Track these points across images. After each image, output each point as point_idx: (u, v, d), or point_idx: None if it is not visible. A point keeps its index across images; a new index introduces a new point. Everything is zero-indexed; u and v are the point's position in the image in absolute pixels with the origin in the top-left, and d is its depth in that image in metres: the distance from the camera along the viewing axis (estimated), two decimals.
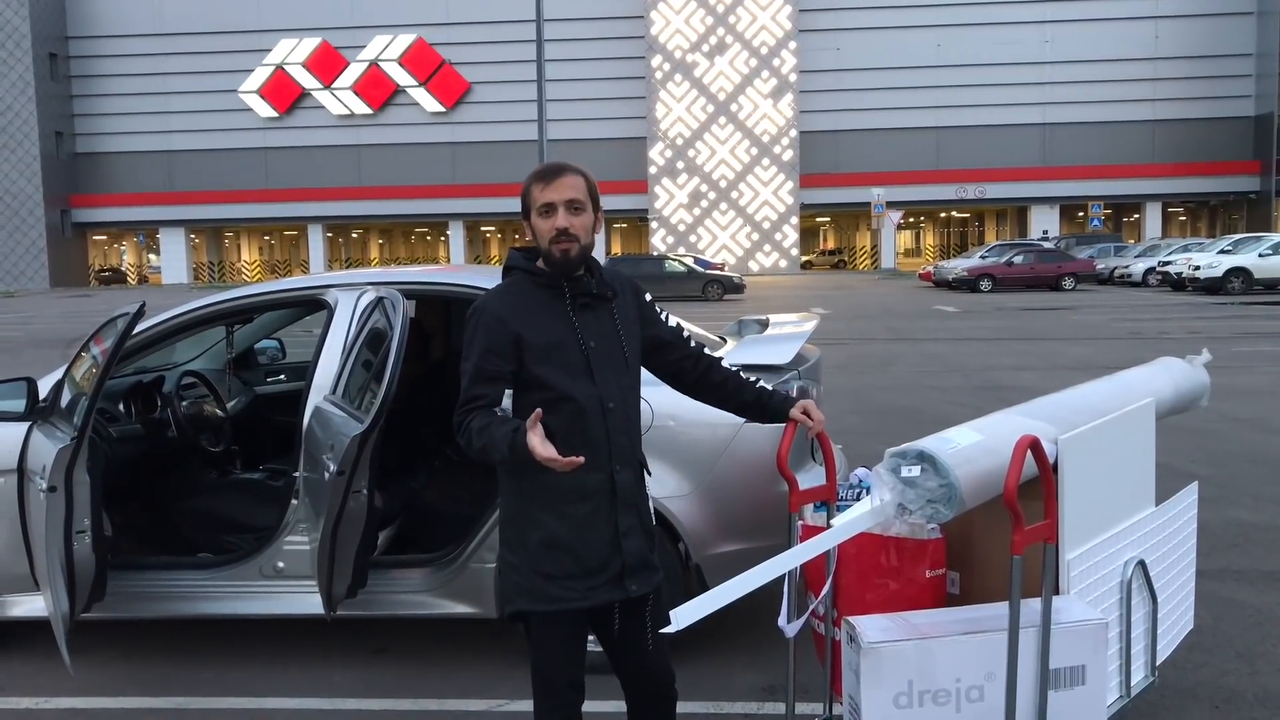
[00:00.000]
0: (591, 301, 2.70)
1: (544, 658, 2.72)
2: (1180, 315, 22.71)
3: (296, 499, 4.23)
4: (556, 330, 2.66)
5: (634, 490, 2.73)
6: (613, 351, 2.71)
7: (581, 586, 2.65)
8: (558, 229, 2.62)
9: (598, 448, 2.63)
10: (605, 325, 2.71)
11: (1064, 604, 2.81)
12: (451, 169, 55.79)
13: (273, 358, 6.67)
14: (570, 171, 2.68)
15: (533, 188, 2.68)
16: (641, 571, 2.71)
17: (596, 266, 2.76)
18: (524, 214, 2.72)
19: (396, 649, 4.57)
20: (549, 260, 2.67)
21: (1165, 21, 52.85)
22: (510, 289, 2.74)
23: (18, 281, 55.87)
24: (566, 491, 2.63)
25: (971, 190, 54.38)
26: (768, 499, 3.92)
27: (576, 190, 2.65)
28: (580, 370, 2.65)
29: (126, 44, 56.72)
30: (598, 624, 2.77)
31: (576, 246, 2.64)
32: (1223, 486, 6.95)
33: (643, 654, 2.79)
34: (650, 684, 2.84)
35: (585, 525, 2.66)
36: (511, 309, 2.67)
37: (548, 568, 2.66)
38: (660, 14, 54.34)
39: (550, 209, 2.63)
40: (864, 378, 13.15)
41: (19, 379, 4.45)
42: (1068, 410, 3.17)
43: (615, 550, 2.67)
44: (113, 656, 4.52)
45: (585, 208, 2.66)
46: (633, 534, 2.70)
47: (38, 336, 22.73)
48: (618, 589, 2.68)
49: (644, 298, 2.87)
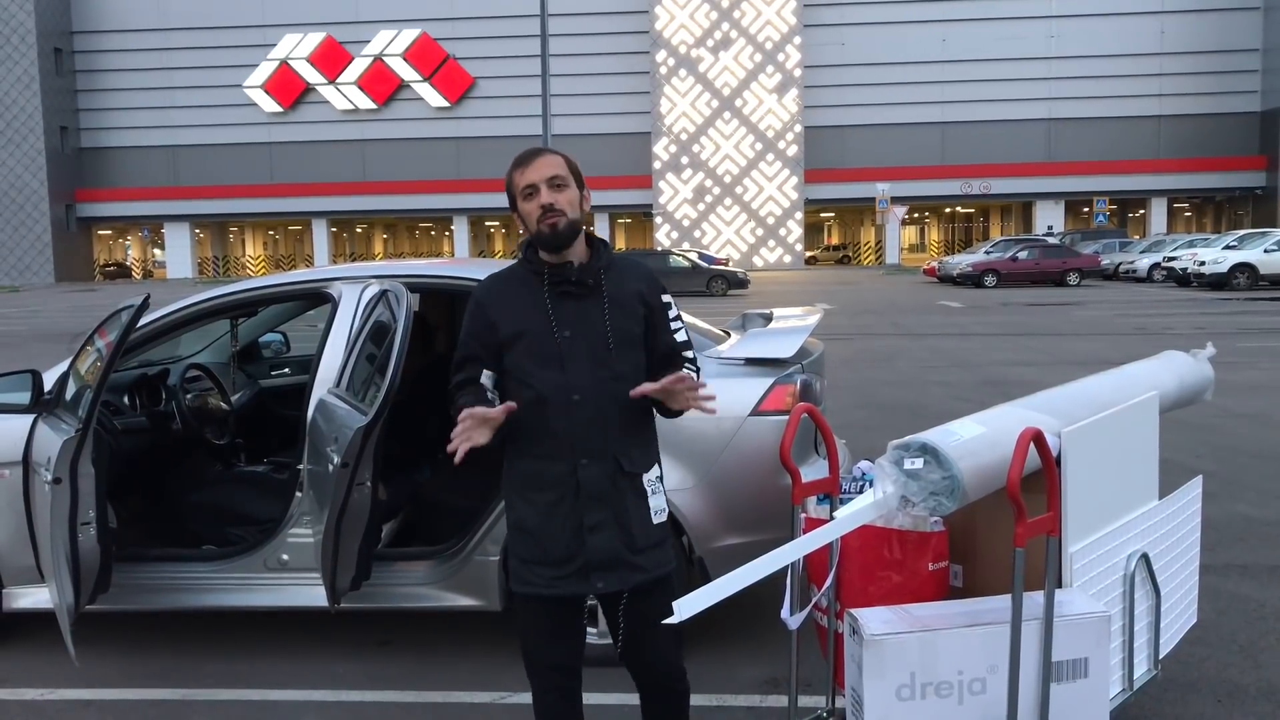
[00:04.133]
0: (574, 289, 2.67)
1: (525, 638, 2.80)
2: (1185, 311, 22.66)
3: (301, 491, 4.24)
4: (530, 318, 2.67)
5: (604, 486, 2.65)
6: (593, 342, 2.65)
7: (547, 575, 2.68)
8: (542, 206, 2.64)
9: (559, 439, 2.64)
10: (589, 314, 2.67)
11: (1067, 597, 2.81)
12: (456, 164, 55.80)
13: (277, 351, 6.68)
14: (547, 152, 2.72)
15: (513, 175, 2.72)
16: (611, 568, 2.65)
17: (603, 249, 2.75)
18: (511, 205, 2.74)
19: (400, 641, 4.58)
20: (540, 240, 2.67)
21: (1171, 16, 52.72)
22: (500, 276, 2.79)
23: (23, 276, 55.98)
24: (530, 478, 2.69)
25: (976, 185, 54.31)
26: (771, 492, 3.92)
27: (556, 167, 2.68)
28: (551, 359, 2.64)
29: (131, 39, 56.80)
30: (606, 611, 2.80)
31: (564, 219, 2.64)
32: (1227, 481, 6.94)
33: (641, 647, 2.78)
34: (651, 676, 2.84)
35: (548, 515, 2.67)
36: (491, 296, 2.74)
37: (520, 551, 2.73)
38: (665, 9, 54.29)
39: (533, 190, 2.66)
40: (868, 372, 13.15)
41: (24, 371, 4.46)
42: (1071, 403, 3.17)
43: (579, 544, 2.65)
44: (117, 648, 4.53)
45: (568, 183, 2.67)
46: (602, 530, 2.64)
47: (43, 330, 22.78)
48: (583, 583, 2.67)
49: (658, 297, 2.76)
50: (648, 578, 2.70)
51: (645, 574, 2.70)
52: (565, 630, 2.78)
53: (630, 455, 2.70)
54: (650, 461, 2.77)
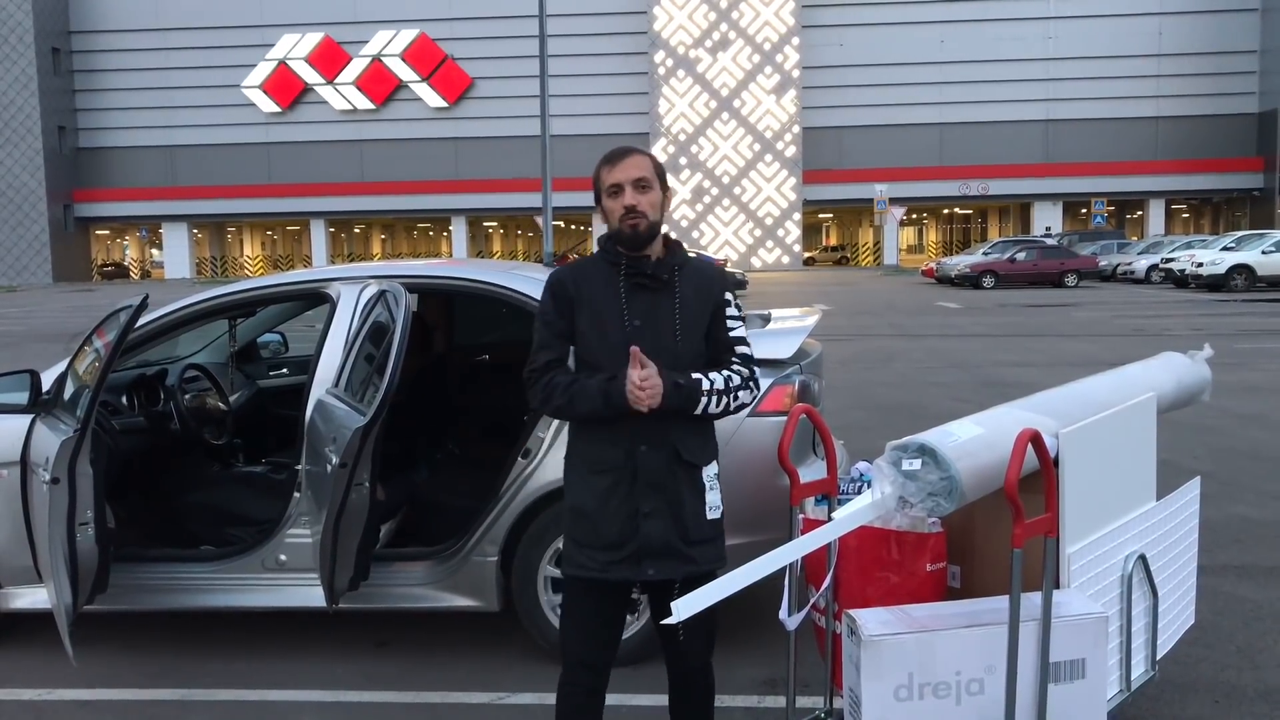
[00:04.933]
0: (647, 282, 2.78)
1: (565, 625, 2.88)
2: (1183, 312, 22.68)
3: (299, 492, 4.24)
4: (604, 305, 2.78)
5: (661, 473, 2.73)
6: (660, 333, 2.76)
7: (601, 559, 2.76)
8: (625, 207, 2.74)
9: (620, 424, 2.71)
10: (660, 307, 2.78)
11: (1064, 598, 2.81)
12: (454, 164, 55.79)
13: (275, 351, 6.68)
14: (635, 153, 2.81)
15: (601, 171, 2.80)
16: (663, 557, 2.75)
17: (678, 249, 2.85)
18: (596, 199, 2.84)
19: (398, 642, 4.58)
20: (619, 238, 2.78)
21: (1169, 18, 52.76)
22: (584, 262, 2.91)
23: (20, 276, 55.92)
24: (590, 461, 2.79)
25: (974, 186, 54.34)
26: (769, 492, 3.92)
27: (642, 169, 2.78)
28: (618, 345, 2.72)
29: (129, 39, 56.75)
30: (653, 600, 2.88)
31: (645, 221, 2.75)
32: (1225, 482, 6.94)
33: (677, 636, 2.82)
34: (684, 665, 2.92)
35: (604, 498, 2.76)
36: (574, 278, 2.85)
37: (576, 534, 2.82)
38: (663, 9, 54.30)
39: (618, 189, 2.75)
40: (866, 373, 13.15)
41: (22, 371, 4.47)
42: (1069, 404, 3.18)
43: (633, 530, 2.74)
44: (115, 648, 4.53)
45: (652, 185, 2.77)
46: (656, 517, 2.73)
47: (41, 330, 22.76)
48: (635, 569, 2.75)
49: (723, 296, 2.86)
50: (698, 570, 2.77)
51: (696, 567, 2.77)
52: (607, 621, 2.85)
53: (689, 445, 2.78)
54: (709, 456, 2.84)
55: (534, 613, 4.22)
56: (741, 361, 2.85)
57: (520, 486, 4.17)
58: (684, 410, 2.72)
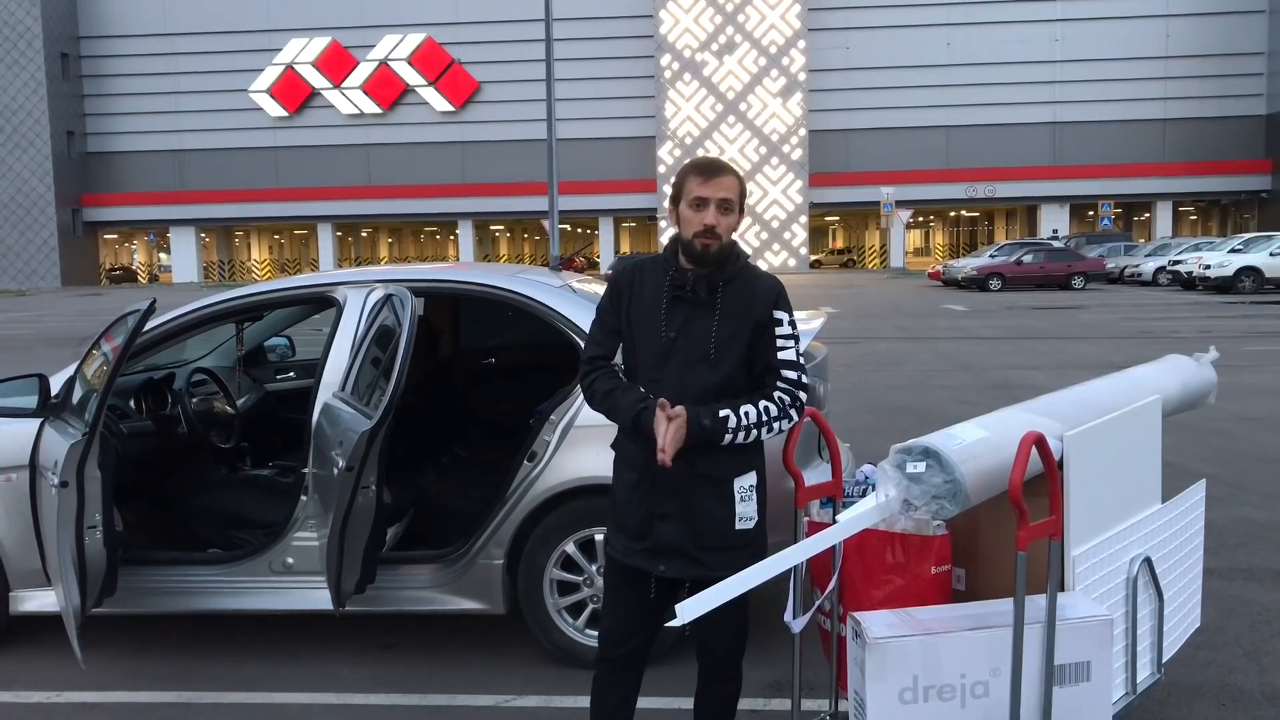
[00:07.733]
0: (688, 296, 2.79)
1: (603, 604, 3.06)
2: (1190, 314, 22.63)
3: (306, 495, 4.25)
4: (649, 310, 2.82)
5: (677, 481, 2.75)
6: (693, 348, 2.77)
7: (623, 543, 2.89)
8: (705, 225, 2.74)
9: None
10: (699, 322, 2.78)
11: (1069, 600, 2.81)
12: (461, 168, 55.88)
13: (282, 355, 6.70)
14: (729, 172, 2.79)
15: (690, 178, 2.78)
16: (674, 557, 2.81)
17: (731, 263, 2.79)
18: (674, 199, 2.82)
19: (405, 644, 4.59)
20: (688, 250, 2.79)
21: (1176, 20, 52.66)
22: (644, 262, 2.93)
23: (30, 280, 56.13)
24: (624, 455, 2.90)
25: (981, 189, 54.24)
26: (773, 495, 3.91)
27: (731, 191, 2.76)
28: (650, 354, 2.79)
29: (137, 44, 56.96)
30: (664, 596, 2.92)
31: (717, 244, 2.76)
32: (1231, 485, 6.93)
33: (702, 629, 2.86)
34: (711, 658, 2.97)
35: (630, 493, 2.87)
36: (629, 279, 2.90)
37: (611, 517, 2.96)
38: (669, 13, 54.32)
39: (703, 203, 2.75)
40: (872, 376, 13.14)
41: (31, 376, 4.49)
42: (1074, 407, 3.17)
43: (649, 528, 2.82)
44: (123, 651, 4.55)
45: (734, 209, 2.78)
46: (670, 520, 2.79)
47: (49, 334, 22.84)
48: (649, 562, 2.84)
49: (769, 314, 2.80)
50: (708, 575, 2.77)
51: (707, 571, 2.79)
52: (632, 605, 2.91)
53: (710, 457, 2.77)
54: (740, 468, 2.83)
55: (540, 616, 4.23)
56: (786, 387, 2.80)
57: (526, 489, 4.18)
58: (709, 442, 2.74)
